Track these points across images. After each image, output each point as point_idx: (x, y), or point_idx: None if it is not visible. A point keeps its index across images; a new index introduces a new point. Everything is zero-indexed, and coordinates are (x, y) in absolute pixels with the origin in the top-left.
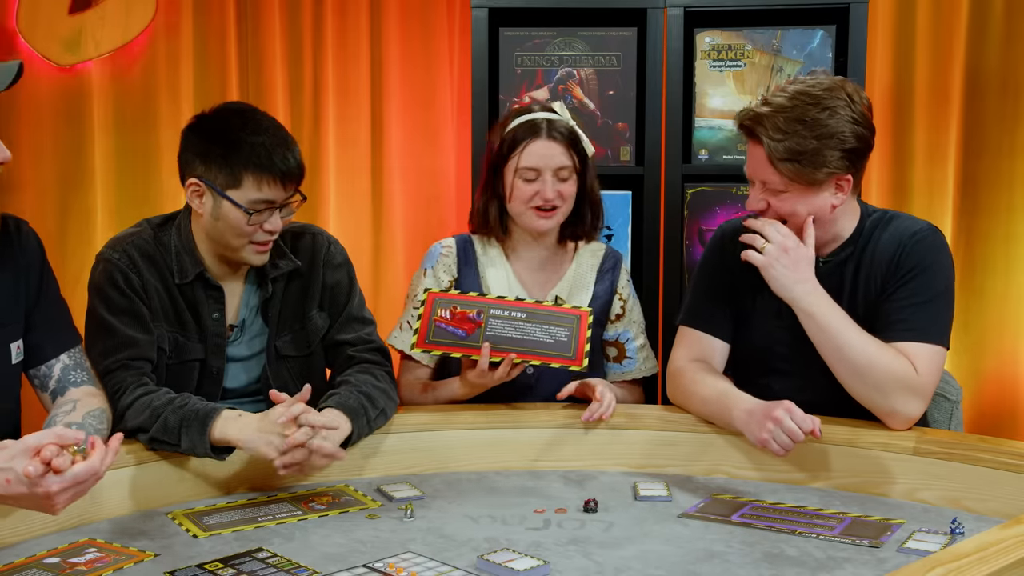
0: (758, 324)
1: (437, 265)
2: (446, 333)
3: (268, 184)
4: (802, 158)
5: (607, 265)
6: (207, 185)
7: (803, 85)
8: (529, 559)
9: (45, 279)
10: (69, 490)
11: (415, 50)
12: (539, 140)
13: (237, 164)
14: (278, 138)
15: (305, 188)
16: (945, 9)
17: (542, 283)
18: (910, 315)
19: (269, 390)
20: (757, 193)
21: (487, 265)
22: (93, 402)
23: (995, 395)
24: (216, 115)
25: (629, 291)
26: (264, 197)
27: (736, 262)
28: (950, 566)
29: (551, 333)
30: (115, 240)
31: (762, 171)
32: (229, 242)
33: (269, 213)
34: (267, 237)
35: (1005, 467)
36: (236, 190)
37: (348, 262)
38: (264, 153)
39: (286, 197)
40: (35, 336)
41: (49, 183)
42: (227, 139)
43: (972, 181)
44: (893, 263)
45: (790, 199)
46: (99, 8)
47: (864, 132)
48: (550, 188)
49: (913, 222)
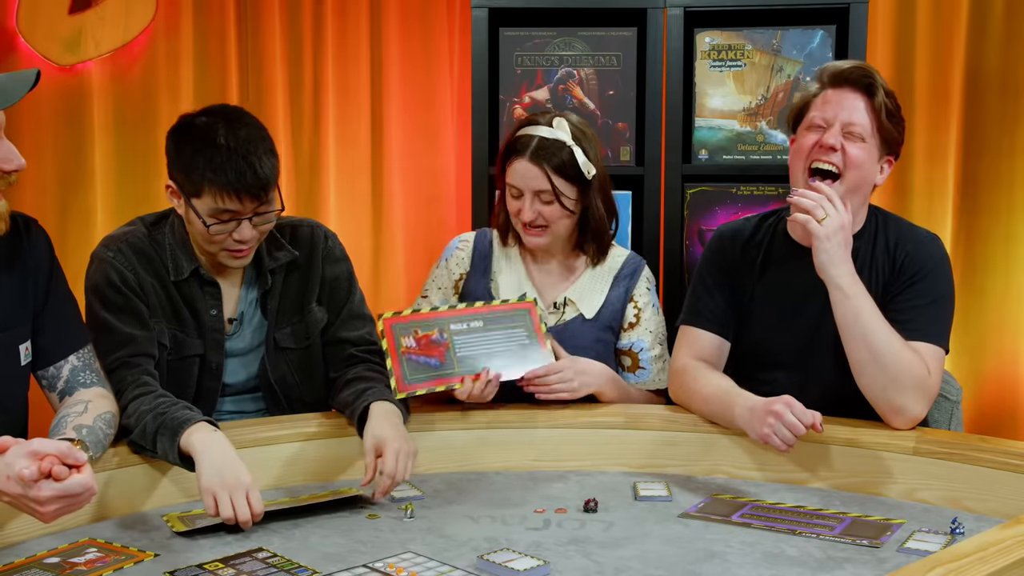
0: (759, 322)
1: (451, 258)
2: (419, 366)
3: (226, 197)
4: (893, 120)
5: (625, 271)
6: (177, 188)
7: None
8: (529, 559)
9: (54, 279)
10: (60, 500)
11: (415, 50)
12: (522, 160)
13: (196, 174)
14: (245, 149)
15: (305, 188)
16: (945, 9)
17: (554, 285)
18: (917, 316)
19: (268, 383)
20: (836, 132)
21: (502, 261)
22: (104, 405)
23: (995, 395)
24: (194, 119)
25: (647, 300)
26: (223, 208)
27: (736, 262)
28: (950, 566)
29: (512, 336)
30: (109, 238)
31: (858, 115)
32: (202, 246)
33: (236, 223)
34: (238, 245)
35: (1005, 467)
36: (198, 199)
37: (346, 257)
38: (221, 166)
39: (253, 208)
40: (44, 337)
41: (49, 183)
42: (193, 147)
43: (972, 181)
44: (897, 265)
45: (864, 151)
46: (99, 8)
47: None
48: (528, 209)
49: (914, 227)
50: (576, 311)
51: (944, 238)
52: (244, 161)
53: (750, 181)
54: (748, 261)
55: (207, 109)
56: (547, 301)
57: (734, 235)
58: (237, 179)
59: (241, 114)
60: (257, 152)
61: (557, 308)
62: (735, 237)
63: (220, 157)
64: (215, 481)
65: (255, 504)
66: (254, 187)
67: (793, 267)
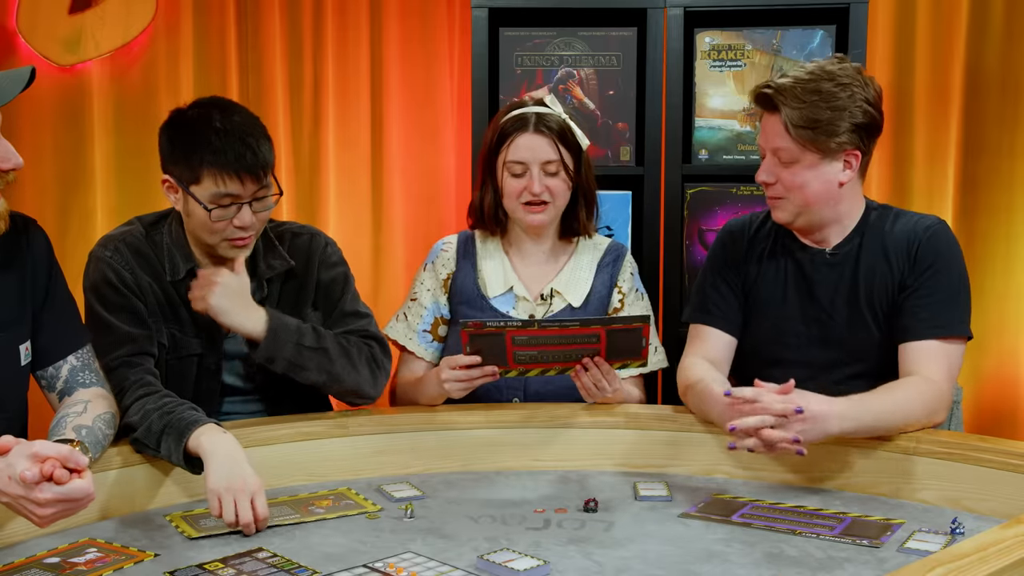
0: (764, 319)
1: (437, 260)
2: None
3: (227, 179)
4: (817, 126)
5: (608, 259)
6: (175, 181)
7: (819, 65)
8: (529, 559)
9: (53, 279)
10: (59, 504)
11: (415, 50)
12: (526, 134)
13: (195, 160)
14: (241, 131)
15: (305, 188)
16: (945, 9)
17: (539, 277)
18: (939, 310)
19: (263, 387)
20: (767, 163)
21: (485, 259)
22: (103, 405)
23: (995, 395)
24: (185, 111)
25: (631, 285)
26: (224, 191)
27: (743, 256)
28: (950, 566)
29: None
30: (106, 238)
31: (777, 139)
32: (203, 238)
33: (236, 208)
34: (240, 233)
35: (1005, 467)
36: (197, 186)
37: (343, 262)
38: (220, 148)
39: (253, 192)
40: (43, 337)
41: (49, 183)
42: (189, 135)
43: (972, 181)
44: (910, 257)
45: (801, 171)
46: (99, 8)
47: (874, 112)
48: (537, 182)
49: (922, 216)
50: (564, 301)
51: None
52: (242, 143)
53: (750, 181)
54: (754, 256)
55: (197, 102)
56: (533, 293)
57: (741, 230)
58: (237, 159)
59: (232, 103)
60: (254, 134)
61: (544, 299)
62: (742, 232)
63: (218, 140)
64: (222, 484)
65: (260, 509)
66: (254, 167)
67: (800, 260)
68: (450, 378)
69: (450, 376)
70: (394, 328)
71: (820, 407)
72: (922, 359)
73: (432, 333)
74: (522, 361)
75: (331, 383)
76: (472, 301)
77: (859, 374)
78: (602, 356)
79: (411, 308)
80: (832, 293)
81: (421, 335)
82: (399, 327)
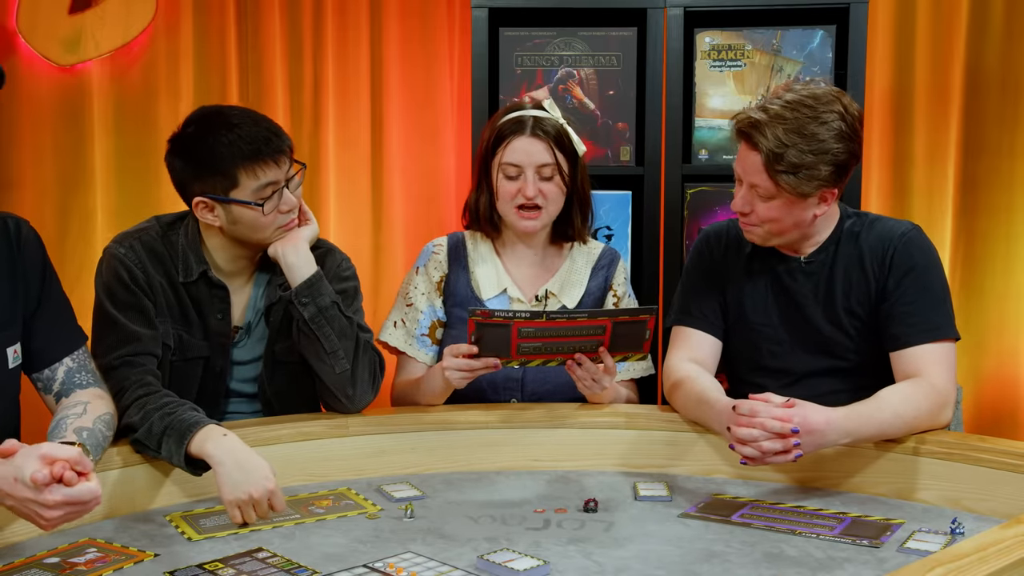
0: (748, 322)
1: (429, 263)
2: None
3: (264, 169)
4: (798, 171)
5: (602, 262)
6: (211, 198)
7: (799, 94)
8: (529, 559)
9: (47, 281)
10: (67, 506)
11: (415, 50)
12: (522, 137)
13: (224, 165)
14: (253, 120)
15: (305, 188)
16: (945, 9)
17: (533, 279)
18: (923, 314)
19: (264, 392)
20: (744, 194)
21: (478, 262)
22: (102, 406)
23: (995, 395)
24: (186, 131)
25: (624, 289)
26: (265, 182)
27: (723, 261)
28: (950, 566)
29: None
30: (122, 235)
31: (756, 176)
32: (254, 239)
33: (278, 196)
34: (288, 216)
35: (1005, 467)
36: (236, 189)
37: (355, 277)
38: (244, 143)
39: (286, 172)
40: (38, 339)
41: (49, 183)
42: (204, 148)
43: (972, 181)
44: (885, 264)
45: (776, 207)
46: (99, 8)
47: (854, 147)
48: (531, 186)
49: (897, 222)
50: (558, 303)
51: (944, 238)
52: (259, 129)
53: None
54: (732, 262)
55: (188, 120)
56: (527, 295)
57: (718, 236)
58: (266, 144)
59: (218, 106)
60: (260, 119)
61: (539, 300)
62: (719, 238)
63: (237, 138)
64: (240, 496)
65: (278, 507)
66: (280, 146)
67: (776, 268)
68: (451, 366)
69: (452, 365)
70: (393, 335)
71: (818, 421)
72: (922, 363)
73: (431, 337)
74: (525, 352)
75: (336, 362)
76: (467, 303)
77: (840, 380)
78: (605, 347)
79: (408, 314)
80: (810, 300)
81: (420, 340)
82: (398, 333)
